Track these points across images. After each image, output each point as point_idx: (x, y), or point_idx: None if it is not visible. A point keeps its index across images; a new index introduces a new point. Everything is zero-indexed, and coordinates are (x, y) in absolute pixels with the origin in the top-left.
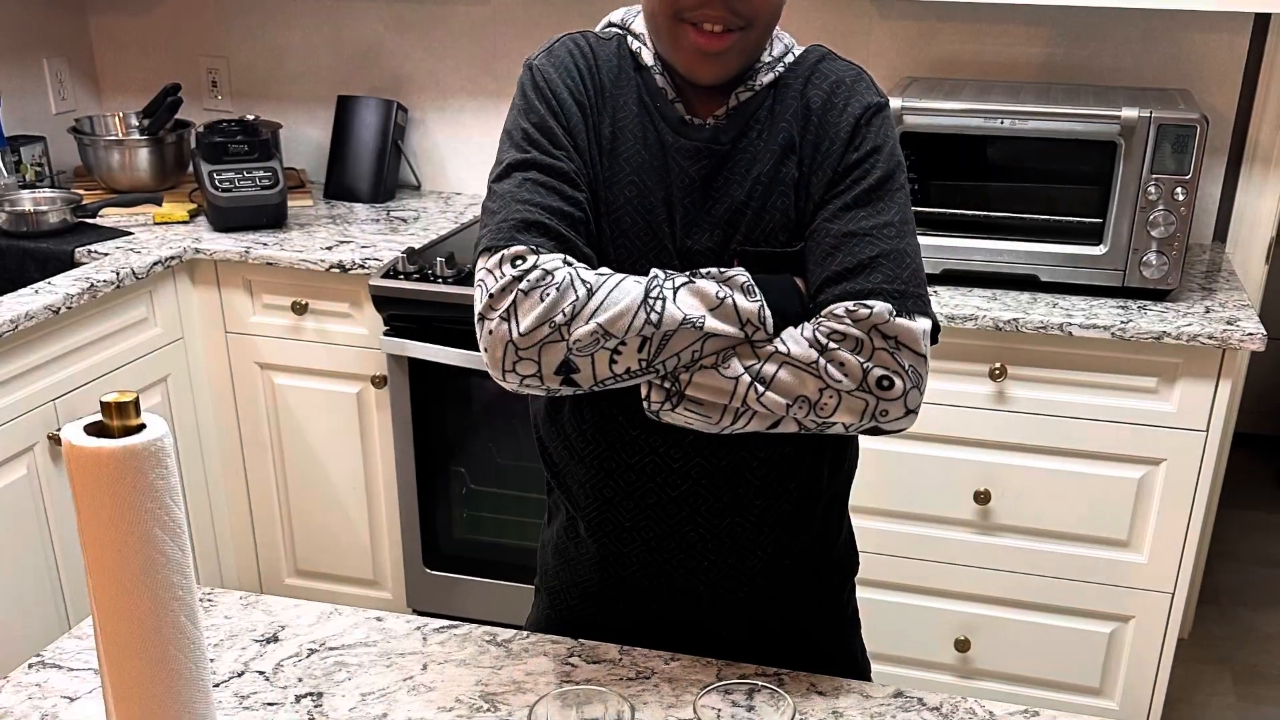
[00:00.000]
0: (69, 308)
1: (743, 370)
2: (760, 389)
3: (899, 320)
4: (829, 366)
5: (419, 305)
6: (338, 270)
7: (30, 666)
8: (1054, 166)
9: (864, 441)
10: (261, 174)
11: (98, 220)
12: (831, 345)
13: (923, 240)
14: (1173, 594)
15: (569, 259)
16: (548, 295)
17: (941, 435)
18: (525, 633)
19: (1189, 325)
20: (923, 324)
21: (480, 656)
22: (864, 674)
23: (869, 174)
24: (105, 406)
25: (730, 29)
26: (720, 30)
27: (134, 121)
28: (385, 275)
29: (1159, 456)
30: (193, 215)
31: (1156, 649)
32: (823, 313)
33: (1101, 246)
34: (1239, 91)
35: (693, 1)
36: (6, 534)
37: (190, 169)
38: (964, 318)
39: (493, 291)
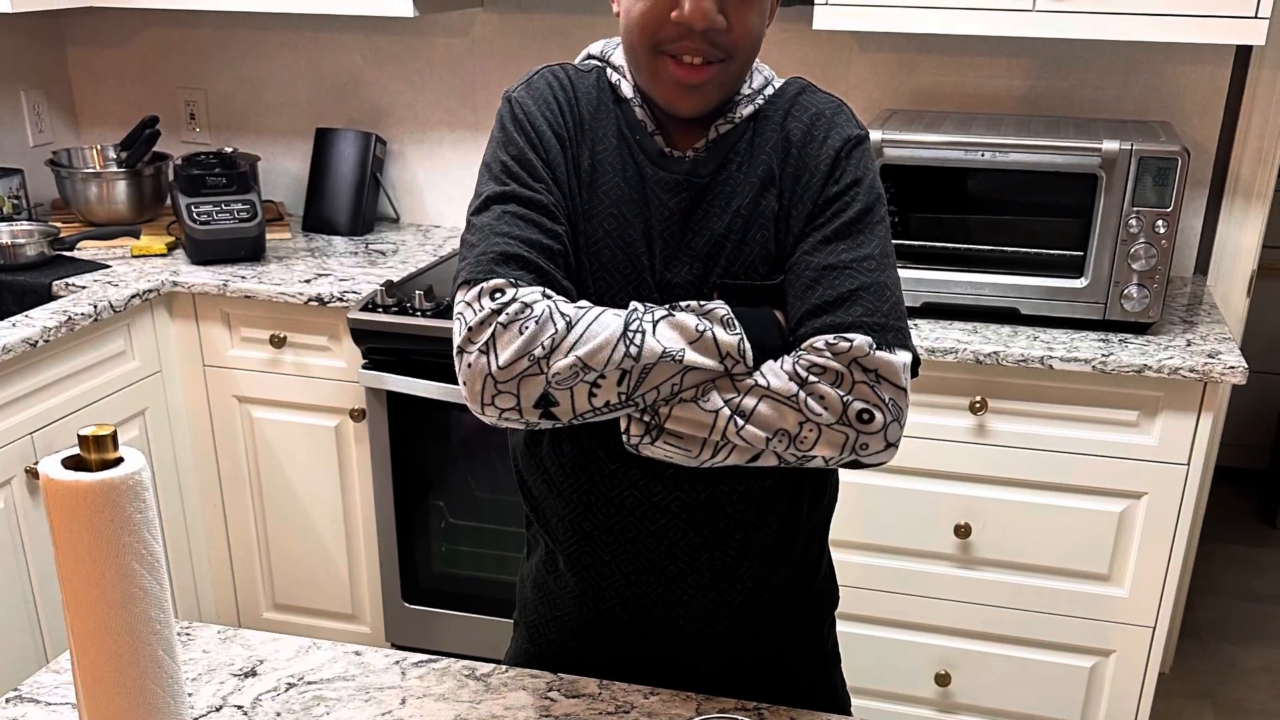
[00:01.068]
0: (46, 341)
1: (722, 403)
2: (740, 422)
3: (879, 353)
4: (809, 400)
5: (398, 338)
6: (316, 303)
7: (7, 701)
8: (1035, 199)
9: (844, 475)
10: (239, 207)
11: (75, 253)
12: (811, 378)
13: (903, 273)
14: (1154, 628)
15: (548, 292)
16: (527, 328)
17: (922, 469)
18: (504, 667)
19: (1170, 358)
20: (903, 357)
21: (459, 691)
22: (844, 708)
23: (849, 207)
24: (83, 440)
25: (710, 61)
26: (700, 62)
27: (112, 154)
28: (364, 308)
29: (1140, 490)
30: (170, 248)
31: (1137, 684)
32: (803, 346)
33: (1082, 279)
34: (1220, 124)
35: (672, 34)
36: None
37: (168, 201)
38: (944, 351)
39: (471, 324)
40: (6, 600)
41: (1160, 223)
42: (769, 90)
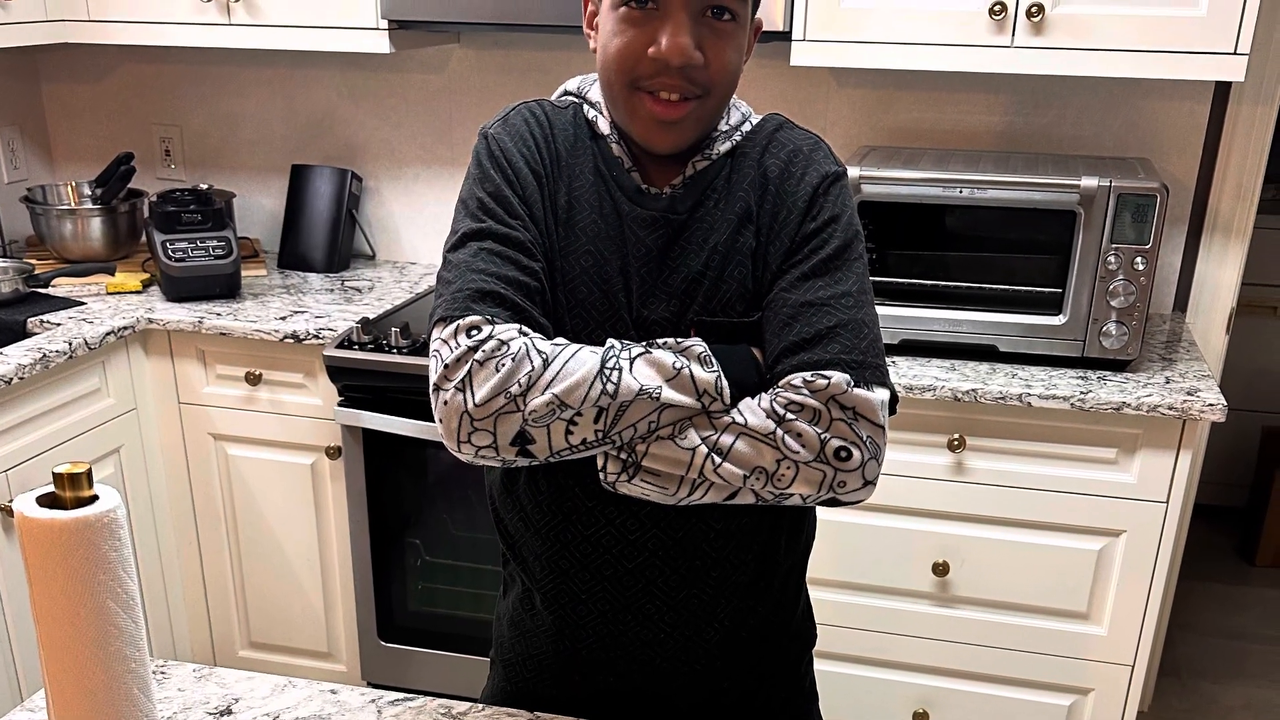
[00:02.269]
0: (21, 378)
1: (700, 441)
2: (717, 460)
3: (857, 391)
4: (786, 437)
5: (373, 376)
6: (292, 340)
7: None
8: (1013, 236)
9: (822, 513)
10: (215, 243)
11: (50, 290)
12: (789, 416)
13: (881, 310)
14: (1132, 666)
15: (525, 329)
16: (503, 365)
17: (900, 506)
18: (481, 705)
19: (1149, 396)
20: (881, 395)
21: None
22: None
23: (827, 243)
24: (58, 478)
25: (687, 97)
26: (677, 99)
27: (87, 191)
28: (339, 345)
29: (1119, 528)
30: (146, 285)
31: None
32: (780, 383)
33: (1061, 316)
34: (1199, 160)
35: (649, 70)
36: None
37: (143, 238)
38: (922, 388)
39: (448, 362)
40: None
41: (1139, 260)
42: (746, 126)
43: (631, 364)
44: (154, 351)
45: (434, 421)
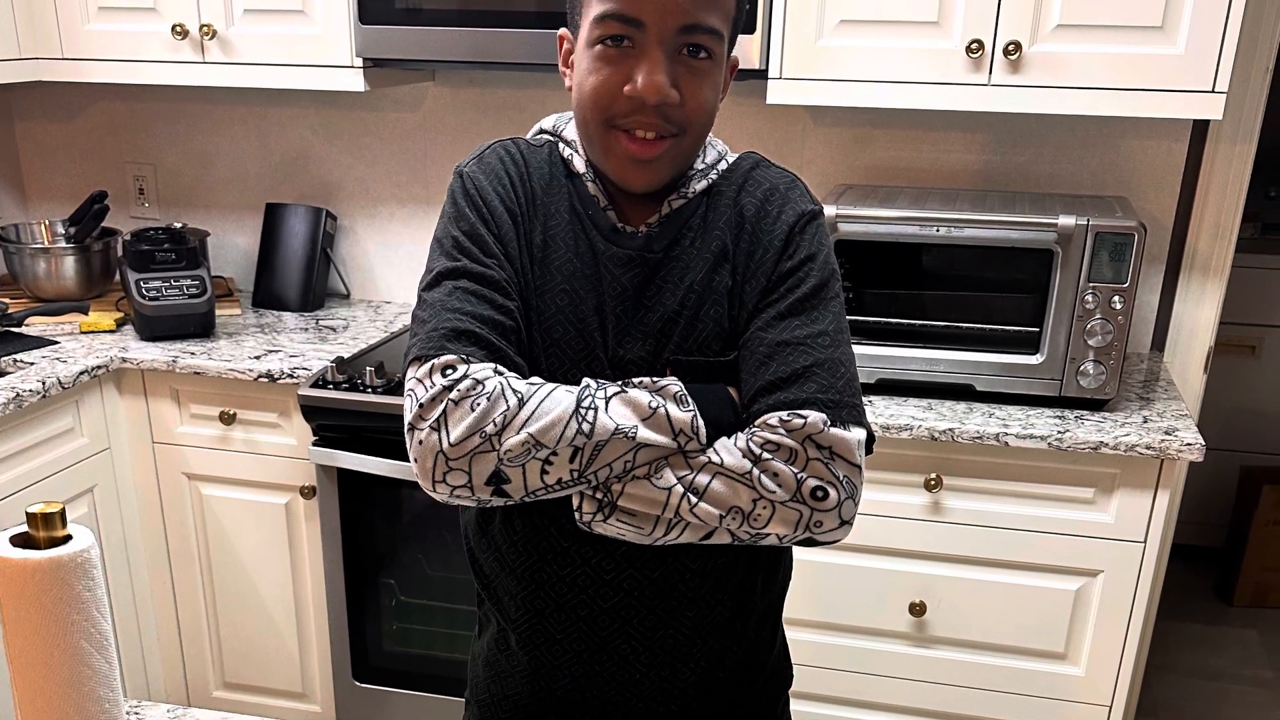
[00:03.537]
0: None
1: (675, 481)
2: (693, 500)
3: (833, 430)
4: (762, 477)
5: (348, 415)
6: (266, 380)
7: None
8: (990, 275)
9: (798, 552)
10: (189, 282)
11: (23, 329)
12: (765, 455)
13: (857, 349)
14: (1110, 707)
15: (500, 368)
16: (478, 405)
17: (876, 546)
18: None
19: (1127, 435)
20: (857, 434)
21: None
22: None
23: (803, 282)
24: (31, 518)
25: (663, 136)
26: (653, 137)
27: (60, 229)
28: (314, 385)
29: (1096, 568)
30: (119, 324)
31: None
32: (756, 423)
33: (1038, 356)
34: (1177, 199)
35: (625, 108)
36: None
37: (117, 277)
38: (899, 428)
39: (423, 401)
40: None
41: (1116, 299)
42: (722, 165)
43: (607, 403)
44: (128, 391)
45: (409, 461)
